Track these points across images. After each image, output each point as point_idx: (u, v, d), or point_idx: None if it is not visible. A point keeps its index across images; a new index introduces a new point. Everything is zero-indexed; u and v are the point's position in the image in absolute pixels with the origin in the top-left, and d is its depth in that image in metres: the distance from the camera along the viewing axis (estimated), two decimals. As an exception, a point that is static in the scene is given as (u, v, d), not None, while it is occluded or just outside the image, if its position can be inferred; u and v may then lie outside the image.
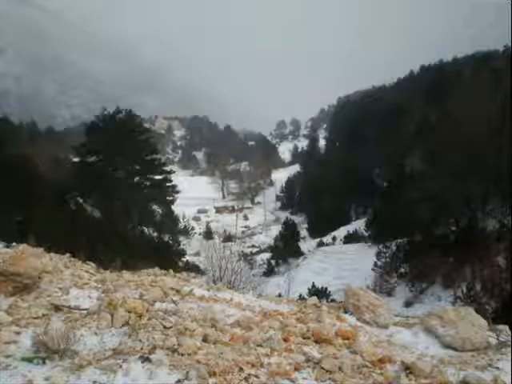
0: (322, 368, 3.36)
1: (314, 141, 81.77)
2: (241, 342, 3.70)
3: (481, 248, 19.36)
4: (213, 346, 3.52)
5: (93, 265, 7.29)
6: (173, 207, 42.68)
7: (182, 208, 48.66)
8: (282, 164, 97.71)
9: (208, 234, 49.60)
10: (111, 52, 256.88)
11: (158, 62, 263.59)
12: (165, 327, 3.64)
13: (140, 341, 3.33)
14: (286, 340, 3.92)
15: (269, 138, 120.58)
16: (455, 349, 4.32)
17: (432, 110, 36.41)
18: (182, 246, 33.15)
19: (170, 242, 31.67)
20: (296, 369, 3.33)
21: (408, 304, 20.79)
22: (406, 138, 39.22)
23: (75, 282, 5.17)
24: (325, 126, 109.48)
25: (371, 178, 45.70)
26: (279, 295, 14.92)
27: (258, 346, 3.66)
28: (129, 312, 3.81)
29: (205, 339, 3.60)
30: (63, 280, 5.17)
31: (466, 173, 23.28)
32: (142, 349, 3.22)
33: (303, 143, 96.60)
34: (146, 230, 33.29)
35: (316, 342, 4.07)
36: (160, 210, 41.82)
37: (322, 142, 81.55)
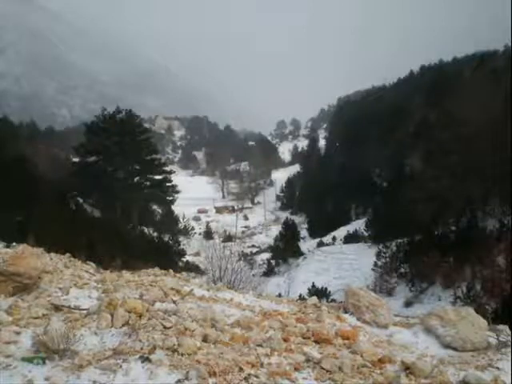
0: (322, 368, 3.36)
1: (313, 141, 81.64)
2: (241, 342, 3.70)
3: (481, 248, 19.35)
4: (213, 346, 3.52)
5: (93, 265, 7.31)
6: (173, 207, 42.68)
7: (182, 208, 48.61)
8: (282, 164, 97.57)
9: (208, 234, 49.53)
10: (111, 52, 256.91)
11: (158, 63, 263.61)
12: (165, 327, 3.64)
13: (140, 341, 3.33)
14: (285, 340, 3.92)
15: (269, 137, 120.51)
16: (455, 349, 4.32)
17: (432, 109, 36.40)
18: (181, 246, 33.10)
19: (170, 242, 31.63)
20: (296, 369, 3.33)
21: (408, 304, 20.76)
22: (406, 138, 39.22)
23: (75, 282, 5.17)
24: (325, 126, 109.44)
25: (371, 178, 45.66)
26: (279, 295, 14.93)
27: (257, 346, 3.66)
28: (129, 312, 3.81)
29: (205, 339, 3.60)
30: (63, 280, 5.17)
31: (466, 173, 23.29)
32: (141, 349, 3.22)
33: (303, 143, 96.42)
34: (146, 229, 33.29)
35: (316, 342, 4.07)
36: (160, 210, 41.88)
37: (322, 142, 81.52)
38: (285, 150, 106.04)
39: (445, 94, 33.54)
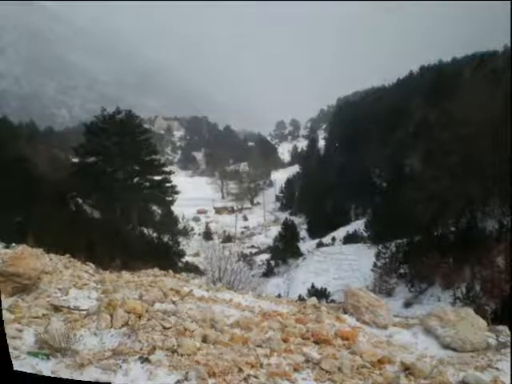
0: (322, 368, 3.37)
1: (313, 141, 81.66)
2: (240, 343, 3.70)
3: (480, 249, 19.36)
4: (212, 346, 3.52)
5: (92, 265, 7.29)
6: (172, 208, 42.68)
7: (182, 208, 48.59)
8: (281, 164, 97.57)
9: (207, 235, 49.53)
10: (111, 52, 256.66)
11: (158, 63, 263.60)
12: (164, 328, 3.63)
13: (139, 341, 3.33)
14: (285, 341, 3.92)
15: (268, 138, 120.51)
16: (455, 349, 4.32)
17: (432, 110, 36.40)
18: (181, 247, 33.09)
19: (170, 242, 31.62)
20: (295, 369, 3.34)
21: (407, 304, 20.78)
22: (405, 138, 39.23)
23: (75, 283, 5.16)
24: (324, 126, 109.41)
25: (371, 179, 45.67)
26: (279, 296, 14.92)
27: (257, 346, 3.66)
28: (128, 312, 3.81)
29: (204, 340, 3.60)
30: (63, 280, 5.16)
31: (465, 173, 23.29)
32: (141, 349, 3.22)
33: (303, 144, 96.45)
34: (145, 230, 33.28)
35: (315, 342, 4.06)
36: (159, 211, 41.87)
37: (321, 143, 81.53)
38: (284, 151, 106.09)
39: (445, 94, 33.55)
